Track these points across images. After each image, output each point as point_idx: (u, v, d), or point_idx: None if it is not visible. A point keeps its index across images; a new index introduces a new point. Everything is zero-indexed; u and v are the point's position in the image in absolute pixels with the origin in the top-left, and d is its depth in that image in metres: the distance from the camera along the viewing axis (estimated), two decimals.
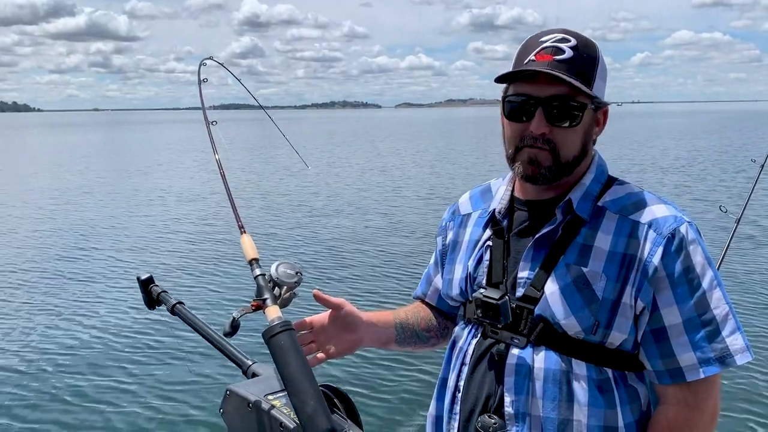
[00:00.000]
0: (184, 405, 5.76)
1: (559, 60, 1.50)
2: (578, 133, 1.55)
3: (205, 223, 15.14)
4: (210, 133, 2.12)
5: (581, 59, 1.53)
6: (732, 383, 5.80)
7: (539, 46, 1.54)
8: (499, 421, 1.55)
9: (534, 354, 1.54)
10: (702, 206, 15.42)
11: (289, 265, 1.64)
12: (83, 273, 10.48)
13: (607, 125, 1.64)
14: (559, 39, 1.54)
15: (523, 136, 1.55)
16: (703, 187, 19.37)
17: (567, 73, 1.49)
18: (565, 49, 1.52)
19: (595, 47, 1.57)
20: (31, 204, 18.48)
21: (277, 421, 1.43)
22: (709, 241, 1.56)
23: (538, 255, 1.57)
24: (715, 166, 25.49)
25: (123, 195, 20.38)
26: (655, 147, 38.30)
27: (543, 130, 1.52)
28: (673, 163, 27.35)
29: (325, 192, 20.12)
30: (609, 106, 1.62)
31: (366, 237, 13.16)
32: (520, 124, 1.56)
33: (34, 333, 7.63)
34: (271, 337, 1.48)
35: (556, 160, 1.54)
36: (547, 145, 1.53)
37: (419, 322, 1.87)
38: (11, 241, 13.27)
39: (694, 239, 1.50)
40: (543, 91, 1.51)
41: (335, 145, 45.89)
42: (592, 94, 1.53)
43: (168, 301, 1.82)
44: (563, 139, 1.53)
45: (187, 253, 11.91)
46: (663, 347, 1.49)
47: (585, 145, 1.58)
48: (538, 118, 1.52)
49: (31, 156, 41.81)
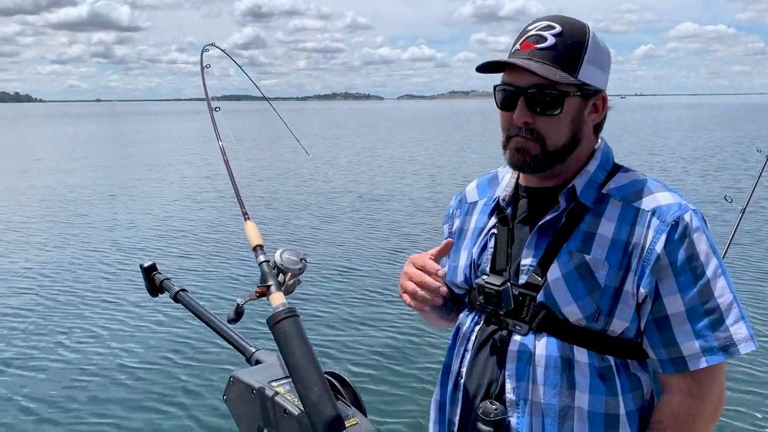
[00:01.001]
0: (187, 392, 5.78)
1: (540, 48, 1.51)
2: (563, 122, 1.53)
3: (209, 210, 15.16)
4: (213, 119, 2.11)
5: (565, 46, 1.51)
6: (736, 373, 5.80)
7: (525, 34, 1.55)
8: (501, 407, 1.56)
9: (536, 341, 1.54)
10: (707, 196, 15.39)
11: (294, 252, 1.64)
12: (86, 261, 10.50)
13: (609, 116, 1.63)
14: (544, 27, 1.54)
15: (511, 126, 1.56)
16: (707, 177, 19.33)
17: (548, 61, 1.49)
18: (547, 36, 1.52)
19: (584, 32, 1.55)
20: (35, 193, 18.51)
21: (281, 407, 1.42)
22: (713, 230, 1.54)
23: (542, 242, 1.57)
24: (719, 158, 25.44)
25: (126, 183, 20.41)
26: (658, 139, 38.23)
27: (525, 119, 1.53)
28: (677, 155, 27.32)
29: (329, 180, 20.13)
30: (605, 91, 1.60)
31: (370, 224, 13.17)
32: (508, 113, 1.56)
33: (37, 320, 7.66)
34: (276, 324, 1.47)
35: (544, 149, 1.54)
36: (532, 134, 1.53)
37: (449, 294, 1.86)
38: (15, 229, 13.29)
39: (699, 227, 1.49)
40: (523, 80, 1.52)
41: (338, 136, 45.90)
42: (574, 82, 1.51)
43: (171, 288, 1.81)
44: (547, 128, 1.53)
45: (191, 240, 11.93)
46: (666, 336, 1.48)
47: (575, 133, 1.56)
48: (519, 107, 1.53)
49: (36, 146, 41.88)
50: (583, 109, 1.56)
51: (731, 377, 5.62)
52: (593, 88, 1.56)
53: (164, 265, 2.30)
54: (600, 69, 1.57)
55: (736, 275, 8.72)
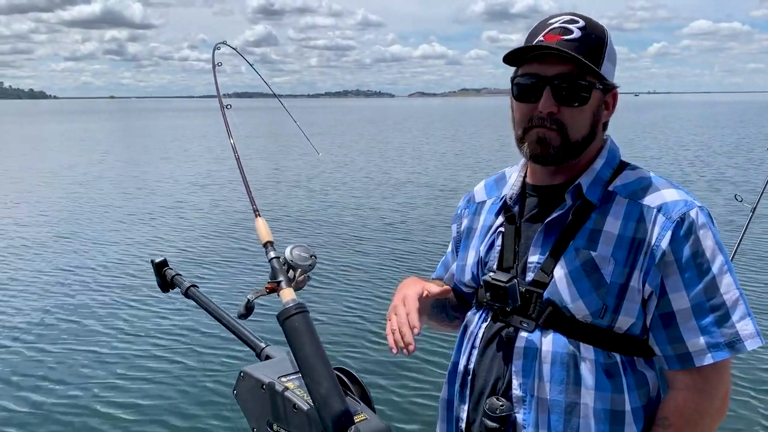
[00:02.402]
0: (197, 386, 5.81)
1: (567, 39, 1.51)
2: (586, 114, 1.54)
3: (219, 206, 15.20)
4: (225, 116, 2.12)
5: (589, 39, 1.53)
6: (743, 370, 5.78)
7: (548, 27, 1.55)
8: (507, 404, 1.57)
9: (542, 337, 1.55)
10: (718, 195, 15.30)
11: (304, 248, 1.65)
12: (98, 256, 10.56)
13: (623, 115, 1.63)
14: (568, 20, 1.55)
15: (532, 117, 1.56)
16: (719, 176, 19.18)
17: (576, 52, 1.50)
18: (573, 29, 1.53)
19: (604, 30, 1.57)
20: (50, 188, 18.62)
21: (290, 402, 1.44)
22: (724, 230, 1.54)
23: (549, 240, 1.58)
24: (731, 156, 25.25)
25: (138, 179, 20.50)
26: (671, 137, 38.03)
27: (551, 109, 1.52)
28: (690, 153, 27.15)
29: (340, 178, 20.13)
30: (617, 89, 1.61)
31: (380, 222, 13.17)
32: (528, 105, 1.56)
33: (48, 315, 7.71)
34: (286, 319, 1.49)
35: (565, 140, 1.54)
36: (555, 125, 1.53)
37: (451, 301, 1.89)
38: (30, 223, 13.38)
39: (705, 224, 1.49)
40: (550, 70, 1.52)
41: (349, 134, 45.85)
42: (600, 73, 1.53)
43: (182, 284, 1.83)
44: (572, 119, 1.53)
45: (202, 236, 11.98)
46: (671, 332, 1.49)
47: (594, 127, 1.58)
48: (545, 97, 1.52)
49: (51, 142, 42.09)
50: (602, 104, 1.58)
51: (738, 374, 5.60)
52: (611, 84, 1.58)
53: (175, 261, 2.32)
54: (613, 67, 1.59)
55: (747, 274, 8.66)
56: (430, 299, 1.69)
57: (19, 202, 16.19)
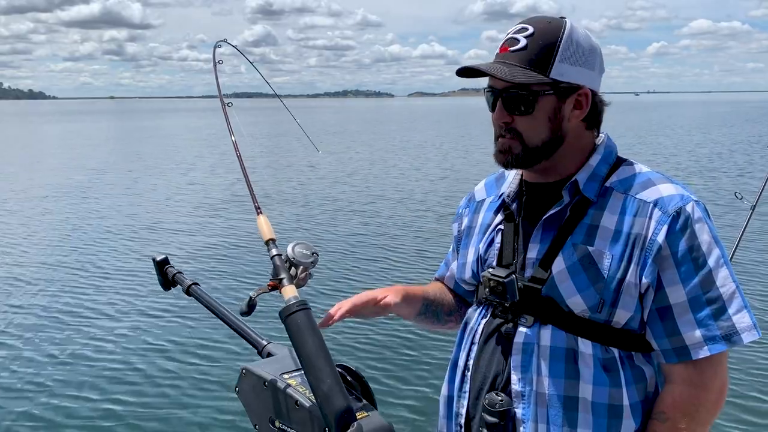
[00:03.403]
0: (199, 384, 5.82)
1: (513, 50, 1.57)
2: (540, 119, 1.57)
3: (221, 204, 15.22)
4: (226, 113, 2.13)
5: (536, 46, 1.55)
6: (740, 363, 5.77)
7: (504, 38, 1.61)
8: (506, 399, 1.58)
9: (541, 332, 1.56)
10: (717, 193, 15.31)
11: (306, 246, 1.65)
12: (99, 255, 10.58)
13: (623, 115, 1.63)
14: (518, 30, 1.59)
15: (497, 127, 1.62)
16: (719, 174, 19.20)
17: (520, 62, 1.54)
18: (519, 39, 1.57)
19: (558, 33, 1.56)
20: (51, 188, 18.63)
21: (292, 399, 1.44)
22: (724, 227, 1.55)
23: (547, 236, 1.59)
24: (731, 155, 25.26)
25: (139, 178, 20.52)
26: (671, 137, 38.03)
27: (504, 119, 1.59)
28: (690, 152, 27.18)
29: (341, 175, 20.16)
30: (586, 87, 1.58)
31: (381, 220, 13.19)
32: (493, 115, 1.62)
33: (50, 313, 7.73)
34: (288, 316, 1.49)
35: (525, 146, 1.58)
36: (511, 133, 1.58)
37: (444, 305, 1.92)
38: (27, 223, 13.40)
39: (701, 218, 1.50)
40: (500, 83, 1.57)
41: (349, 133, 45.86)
42: (543, 80, 1.54)
43: (183, 281, 1.83)
44: (525, 127, 1.57)
45: (203, 234, 12.00)
46: (668, 325, 1.49)
47: (556, 130, 1.58)
48: (498, 108, 1.59)
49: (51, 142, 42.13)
50: (560, 107, 1.57)
51: (735, 367, 5.60)
52: (570, 85, 1.56)
53: (177, 259, 2.32)
54: (580, 65, 1.57)
55: (747, 271, 8.68)
56: (382, 307, 1.77)
57: (21, 201, 16.22)
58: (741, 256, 8.49)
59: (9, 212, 14.51)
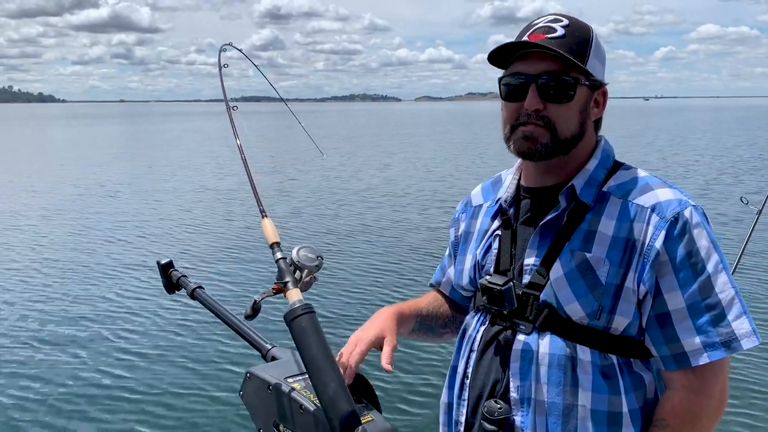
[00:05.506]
0: (204, 387, 5.82)
1: (551, 38, 1.53)
2: (573, 110, 1.54)
3: (226, 207, 15.23)
4: (231, 117, 2.12)
5: (573, 37, 1.54)
6: (740, 369, 5.74)
7: (532, 27, 1.57)
8: (505, 406, 1.56)
9: (539, 340, 1.54)
10: (723, 198, 15.24)
11: (310, 249, 1.65)
12: (104, 257, 10.59)
13: (633, 121, 1.62)
14: (551, 20, 1.57)
15: (519, 115, 1.56)
16: (725, 179, 19.13)
17: (559, 48, 1.51)
18: (557, 28, 1.54)
19: (589, 29, 1.57)
20: (58, 191, 18.71)
21: (297, 403, 1.43)
22: (729, 232, 1.53)
23: (544, 242, 1.57)
24: (737, 160, 25.19)
25: (144, 181, 20.56)
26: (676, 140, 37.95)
27: (537, 107, 1.53)
28: (697, 157, 27.11)
29: (346, 179, 20.16)
30: (606, 86, 1.61)
31: (386, 222, 13.20)
32: (515, 104, 1.56)
33: (54, 316, 7.74)
34: (293, 320, 1.49)
35: (554, 136, 1.54)
36: (542, 121, 1.53)
37: (437, 318, 1.89)
38: (34, 225, 13.43)
39: (699, 223, 1.48)
40: (535, 68, 1.53)
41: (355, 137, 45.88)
42: (585, 69, 1.53)
43: (188, 285, 1.83)
44: (558, 116, 1.53)
45: (208, 238, 12.01)
46: (667, 332, 1.47)
47: (582, 124, 1.57)
48: (531, 95, 1.53)
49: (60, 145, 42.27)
50: (590, 101, 1.58)
51: (736, 374, 5.57)
52: (598, 80, 1.58)
53: (181, 262, 2.31)
54: (601, 65, 1.59)
55: (752, 276, 8.64)
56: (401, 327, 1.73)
57: (29, 203, 16.26)
58: (747, 262, 8.45)
59: (15, 213, 14.54)
